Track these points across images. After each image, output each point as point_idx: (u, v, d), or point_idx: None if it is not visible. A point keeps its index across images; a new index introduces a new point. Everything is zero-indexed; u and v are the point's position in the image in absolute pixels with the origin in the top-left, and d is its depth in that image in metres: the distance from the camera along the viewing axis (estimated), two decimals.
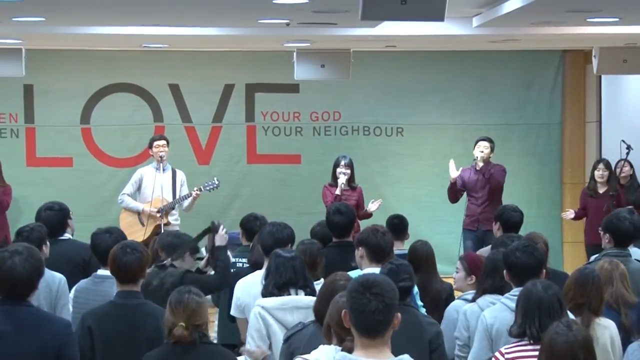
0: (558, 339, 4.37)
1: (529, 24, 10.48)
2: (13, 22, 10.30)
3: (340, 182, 10.94)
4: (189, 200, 11.35)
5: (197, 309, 5.03)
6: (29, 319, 4.92)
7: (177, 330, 4.99)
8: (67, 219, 7.79)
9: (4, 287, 4.92)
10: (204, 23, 11.03)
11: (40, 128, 13.76)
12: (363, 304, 3.82)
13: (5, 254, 4.93)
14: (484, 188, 11.40)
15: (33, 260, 4.94)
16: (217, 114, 14.02)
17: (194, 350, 5.03)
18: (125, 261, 5.76)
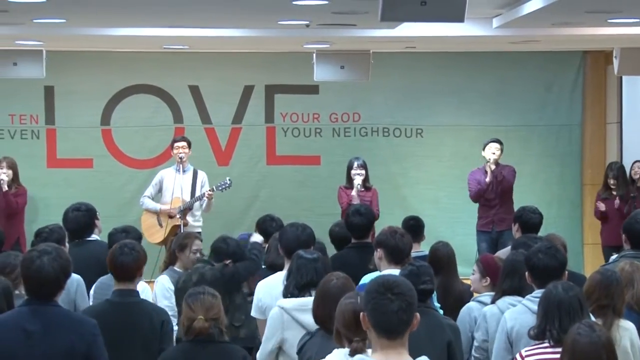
0: (581, 340, 4.37)
1: (549, 25, 10.46)
2: (34, 24, 10.35)
3: (356, 183, 10.96)
4: (204, 201, 11.36)
5: (213, 303, 5.31)
6: (57, 319, 4.93)
7: (197, 323, 5.22)
8: (94, 219, 7.84)
9: (32, 286, 4.93)
10: (224, 24, 11.06)
11: (61, 129, 13.81)
12: (385, 304, 3.81)
13: (34, 254, 4.95)
14: (497, 189, 11.40)
15: (61, 261, 4.95)
16: (237, 115, 14.05)
17: (211, 346, 5.28)
18: (122, 260, 5.99)
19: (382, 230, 6.77)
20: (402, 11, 7.45)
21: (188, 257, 7.63)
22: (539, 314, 5.14)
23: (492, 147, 11.53)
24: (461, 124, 14.13)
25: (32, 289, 4.94)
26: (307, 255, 6.01)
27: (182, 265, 7.66)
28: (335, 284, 5.21)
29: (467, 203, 13.52)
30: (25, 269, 4.95)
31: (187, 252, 7.64)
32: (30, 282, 4.93)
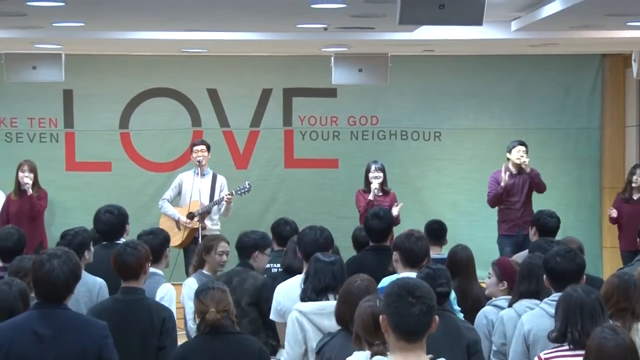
0: (607, 344, 4.37)
1: (568, 28, 10.44)
2: (53, 27, 10.39)
3: (373, 187, 10.96)
4: (223, 205, 11.38)
5: (223, 296, 5.52)
6: (68, 322, 4.94)
7: (209, 315, 5.42)
8: (125, 223, 7.84)
9: (41, 290, 4.94)
10: (242, 28, 11.08)
11: (80, 133, 13.85)
12: (406, 307, 3.81)
13: (43, 257, 4.95)
14: (522, 192, 11.35)
15: (71, 264, 4.95)
16: (255, 118, 14.06)
17: (225, 337, 5.48)
18: (124, 259, 6.18)
19: (400, 233, 6.79)
20: (421, 14, 7.46)
21: (214, 258, 7.63)
22: (558, 316, 5.12)
23: (521, 150, 11.48)
24: (480, 127, 14.11)
25: (42, 293, 4.95)
26: (325, 259, 6.00)
27: (209, 268, 7.65)
28: (359, 286, 5.21)
29: (486, 206, 13.48)
30: (35, 272, 4.96)
31: (213, 254, 7.63)
32: (40, 286, 4.94)
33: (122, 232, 7.77)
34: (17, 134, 13.72)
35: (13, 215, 11.22)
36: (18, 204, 11.27)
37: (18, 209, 11.24)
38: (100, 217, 7.76)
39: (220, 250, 7.65)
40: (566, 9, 8.65)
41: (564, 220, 8.89)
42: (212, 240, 7.82)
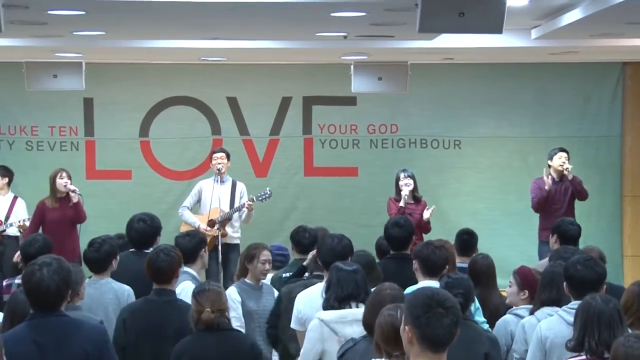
0: (634, 352, 4.35)
1: (589, 36, 10.43)
2: (73, 36, 10.45)
3: (403, 194, 10.91)
4: (244, 212, 11.39)
5: (218, 296, 5.78)
6: (66, 328, 4.93)
7: (204, 315, 5.69)
8: (157, 234, 7.80)
9: (34, 299, 4.92)
10: (262, 36, 11.11)
11: (100, 141, 13.91)
12: (438, 318, 3.79)
13: (34, 267, 4.91)
14: (564, 199, 11.28)
15: (62, 271, 4.91)
16: (275, 126, 14.09)
17: (218, 335, 5.74)
18: (158, 265, 6.43)
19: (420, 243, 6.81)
20: (440, 22, 7.47)
21: (257, 267, 7.56)
22: (576, 325, 5.11)
23: (563, 157, 11.40)
24: (500, 135, 14.09)
25: (35, 302, 4.93)
26: (347, 268, 6.00)
27: (252, 277, 7.61)
28: (389, 294, 5.20)
29: (506, 215, 13.51)
30: (26, 282, 4.94)
31: (256, 263, 7.56)
32: (33, 296, 4.91)
33: (153, 242, 7.70)
34: (37, 142, 13.79)
35: (53, 222, 11.01)
36: (58, 211, 11.12)
37: (57, 217, 11.06)
38: (134, 225, 7.76)
39: (263, 259, 7.57)
40: (586, 17, 8.64)
41: (584, 229, 8.86)
42: (254, 248, 7.70)
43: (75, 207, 11.15)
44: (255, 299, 7.48)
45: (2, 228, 11.58)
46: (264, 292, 7.60)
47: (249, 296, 7.47)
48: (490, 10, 7.35)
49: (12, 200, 11.75)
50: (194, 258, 7.34)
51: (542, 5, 9.03)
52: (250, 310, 7.40)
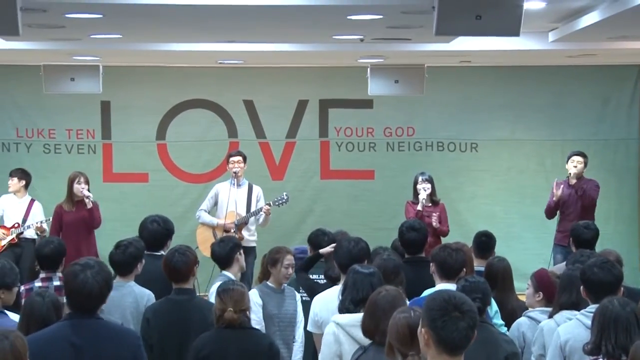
0: None
1: (606, 39, 10.40)
2: (90, 39, 10.48)
3: (421, 197, 10.90)
4: (261, 216, 11.40)
5: (241, 296, 5.93)
6: (102, 331, 4.94)
7: (227, 314, 5.83)
8: (169, 238, 7.81)
9: (75, 300, 4.92)
10: (278, 39, 11.12)
11: (117, 144, 13.95)
12: (454, 322, 3.80)
13: (76, 267, 4.93)
14: (576, 204, 11.25)
15: (104, 274, 4.95)
16: (291, 129, 14.11)
17: (238, 332, 5.87)
18: (174, 264, 6.64)
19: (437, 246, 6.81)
20: (457, 25, 7.46)
21: (280, 271, 7.48)
22: (594, 329, 5.11)
23: (575, 160, 11.35)
24: (517, 138, 14.07)
25: (75, 303, 4.93)
26: (363, 270, 6.00)
27: (274, 280, 7.55)
28: (385, 297, 5.19)
29: (523, 218, 13.46)
30: (68, 283, 4.94)
31: (279, 267, 7.48)
32: (74, 296, 4.91)
33: (165, 244, 7.74)
34: (55, 145, 13.84)
35: (69, 226, 11.11)
36: (74, 215, 11.19)
37: (73, 220, 11.16)
38: (147, 226, 7.78)
39: (286, 264, 7.50)
40: (604, 19, 8.62)
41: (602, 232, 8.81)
42: (277, 252, 7.62)
43: (89, 212, 11.20)
44: (276, 303, 7.43)
45: (20, 230, 11.64)
46: (286, 295, 7.54)
47: (271, 299, 7.41)
48: (507, 13, 7.34)
49: (29, 203, 11.81)
50: (230, 262, 7.47)
51: (559, 8, 9.01)
52: (271, 314, 7.35)
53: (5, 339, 4.24)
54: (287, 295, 7.55)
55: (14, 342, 4.24)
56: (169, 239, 7.84)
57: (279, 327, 7.34)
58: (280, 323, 7.35)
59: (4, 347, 4.20)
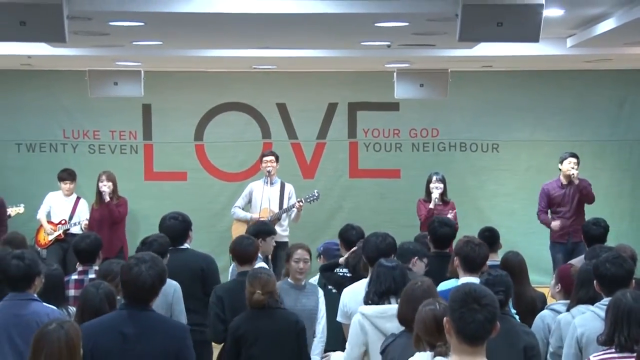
0: None
1: (622, 44, 10.35)
2: (133, 46, 10.52)
3: (434, 196, 10.93)
4: (293, 212, 11.42)
5: (268, 280, 6.34)
6: (151, 323, 4.99)
7: (255, 296, 6.27)
8: (189, 230, 7.85)
9: (129, 292, 4.99)
10: (309, 45, 11.13)
11: (157, 145, 14.01)
12: (472, 314, 3.82)
13: (132, 262, 5.02)
14: (572, 202, 11.24)
15: (157, 269, 5.01)
16: (321, 130, 14.12)
17: (268, 312, 6.30)
18: (244, 248, 7.25)
19: (460, 239, 6.79)
20: (479, 32, 7.45)
21: (291, 266, 7.35)
22: (607, 321, 5.09)
23: (572, 162, 11.37)
24: (536, 139, 14.02)
25: (129, 295, 5.00)
26: (387, 264, 6.03)
27: (291, 276, 7.41)
28: (420, 287, 5.22)
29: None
30: (124, 275, 5.01)
31: (291, 262, 7.35)
32: (128, 288, 4.99)
33: (186, 238, 7.78)
34: (99, 145, 13.92)
35: (95, 221, 11.42)
36: (99, 211, 11.47)
37: (99, 216, 11.44)
38: (166, 223, 7.81)
39: (296, 258, 7.35)
40: (620, 26, 8.58)
41: (617, 229, 8.79)
42: (291, 248, 7.57)
43: (108, 208, 11.34)
44: (293, 298, 7.19)
45: (67, 227, 11.73)
46: (307, 291, 7.30)
47: (287, 295, 7.11)
48: (527, 20, 7.32)
49: (75, 201, 11.92)
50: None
51: (577, 15, 8.97)
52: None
53: (61, 329, 4.30)
54: (308, 291, 7.32)
55: (69, 331, 4.30)
56: (189, 232, 7.86)
57: None
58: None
59: (60, 336, 4.26)
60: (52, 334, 4.26)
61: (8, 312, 5.62)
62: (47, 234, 11.73)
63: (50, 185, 12.47)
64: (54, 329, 4.28)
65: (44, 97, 13.69)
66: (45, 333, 4.28)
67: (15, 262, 5.71)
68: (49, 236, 11.72)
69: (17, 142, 13.81)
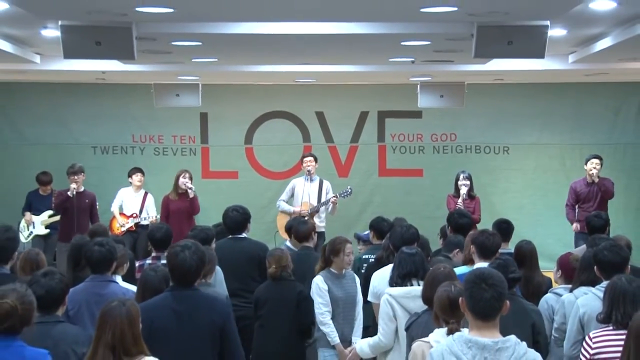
0: None
1: (618, 60, 10.27)
2: (192, 63, 10.59)
3: (462, 192, 10.87)
4: (330, 205, 11.43)
5: (281, 257, 6.80)
6: (199, 300, 4.99)
7: (270, 270, 6.77)
8: (247, 222, 7.80)
9: (176, 275, 5.00)
10: (344, 62, 11.14)
11: (213, 147, 14.07)
12: (480, 293, 3.82)
13: (177, 249, 5.00)
14: (595, 198, 11.12)
15: (199, 254, 5.01)
16: (354, 135, 14.12)
17: (280, 283, 6.78)
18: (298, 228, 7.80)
19: (475, 231, 6.77)
20: (492, 49, 7.44)
21: (343, 259, 6.89)
22: (605, 301, 5.05)
23: (594, 162, 11.22)
24: (542, 142, 13.94)
25: (176, 278, 5.01)
26: (408, 251, 6.03)
27: (337, 267, 6.94)
28: (442, 272, 5.21)
29: (547, 209, 13.33)
30: (170, 260, 5.02)
31: (342, 255, 6.90)
32: (175, 272, 4.99)
33: (244, 228, 7.76)
34: (163, 148, 14.01)
35: (173, 213, 11.25)
36: (177, 203, 11.33)
37: (177, 208, 11.29)
38: (228, 214, 7.80)
39: (347, 252, 6.93)
40: (615, 44, 8.51)
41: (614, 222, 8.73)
42: (339, 243, 7.02)
43: (191, 202, 11.32)
44: (340, 287, 6.90)
45: (138, 220, 11.77)
46: (347, 279, 6.98)
47: (334, 284, 6.86)
48: (534, 39, 7.30)
49: (144, 196, 11.94)
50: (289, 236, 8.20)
51: (578, 34, 8.91)
52: (336, 297, 6.83)
53: (122, 305, 4.32)
54: (349, 278, 7.01)
55: (130, 308, 4.31)
56: (248, 223, 7.83)
57: (344, 309, 6.88)
58: (344, 305, 6.88)
59: (121, 312, 4.28)
60: (115, 310, 4.28)
61: (90, 291, 5.67)
62: (120, 225, 11.78)
63: (121, 182, 12.56)
64: (116, 305, 4.31)
65: (116, 107, 13.79)
66: (109, 309, 4.30)
67: (97, 249, 5.76)
68: (122, 227, 11.77)
69: (93, 146, 13.92)
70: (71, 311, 5.45)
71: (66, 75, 12.02)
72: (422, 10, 6.93)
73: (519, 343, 3.85)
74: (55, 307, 4.82)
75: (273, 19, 7.71)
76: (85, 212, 11.04)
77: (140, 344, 4.27)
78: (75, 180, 10.99)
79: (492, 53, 7.82)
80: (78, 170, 11.08)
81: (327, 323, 6.79)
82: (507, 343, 3.82)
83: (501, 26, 7.21)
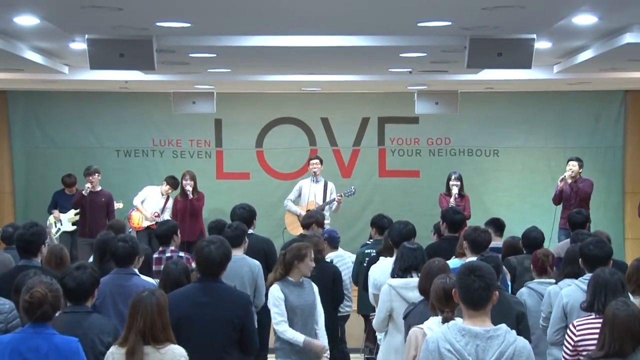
0: (620, 313, 4.30)
1: (599, 70, 10.25)
2: (207, 73, 10.60)
3: (453, 192, 10.87)
4: (334, 204, 11.42)
5: (318, 242, 6.86)
6: (222, 293, 4.99)
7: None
8: (253, 218, 7.75)
9: (202, 268, 5.00)
10: (347, 71, 11.14)
11: (226, 151, 14.05)
12: (469, 283, 3.82)
13: (203, 243, 5.03)
14: (575, 197, 11.11)
15: (224, 248, 5.01)
16: (357, 139, 14.09)
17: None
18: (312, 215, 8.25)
19: (468, 227, 6.76)
20: (483, 60, 7.44)
21: (307, 265, 6.08)
22: (588, 291, 5.06)
23: (570, 164, 11.22)
24: (529, 146, 13.91)
25: (202, 270, 5.00)
26: (409, 246, 6.02)
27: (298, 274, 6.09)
28: (437, 265, 5.22)
29: (533, 206, 13.32)
30: (197, 254, 5.02)
31: (307, 261, 6.08)
32: (202, 265, 5.00)
33: (251, 224, 7.66)
34: (181, 152, 14.01)
35: (179, 212, 11.39)
36: (182, 203, 11.45)
37: (182, 208, 11.42)
38: (235, 212, 7.74)
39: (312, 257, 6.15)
40: (597, 55, 8.51)
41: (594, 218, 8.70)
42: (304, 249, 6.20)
43: (190, 202, 11.40)
44: (297, 295, 6.03)
45: (160, 219, 11.76)
46: (305, 287, 6.11)
47: (291, 292, 6.01)
48: (522, 51, 7.30)
49: (167, 198, 11.96)
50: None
51: (562, 47, 8.90)
52: (293, 306, 5.99)
53: (152, 295, 4.33)
54: (306, 287, 6.11)
55: (159, 298, 4.32)
56: (254, 219, 7.75)
57: (301, 317, 6.03)
58: (301, 313, 6.03)
59: (152, 301, 4.29)
60: (145, 299, 4.29)
61: (114, 283, 5.67)
62: (139, 219, 11.76)
63: (143, 182, 12.56)
64: (147, 295, 4.32)
65: (138, 113, 13.80)
66: (140, 299, 4.31)
67: (121, 244, 5.77)
68: (144, 223, 11.77)
69: (116, 149, 13.93)
70: (97, 301, 5.46)
71: (92, 84, 12.03)
72: (419, 25, 6.93)
73: (509, 331, 3.84)
74: (85, 298, 4.82)
75: (282, 32, 7.72)
76: (100, 210, 11.18)
77: (169, 331, 4.28)
78: (90, 181, 11.19)
79: (483, 64, 7.81)
80: (93, 171, 11.27)
81: (285, 330, 5.93)
82: (498, 331, 3.81)
83: (491, 39, 7.21)
